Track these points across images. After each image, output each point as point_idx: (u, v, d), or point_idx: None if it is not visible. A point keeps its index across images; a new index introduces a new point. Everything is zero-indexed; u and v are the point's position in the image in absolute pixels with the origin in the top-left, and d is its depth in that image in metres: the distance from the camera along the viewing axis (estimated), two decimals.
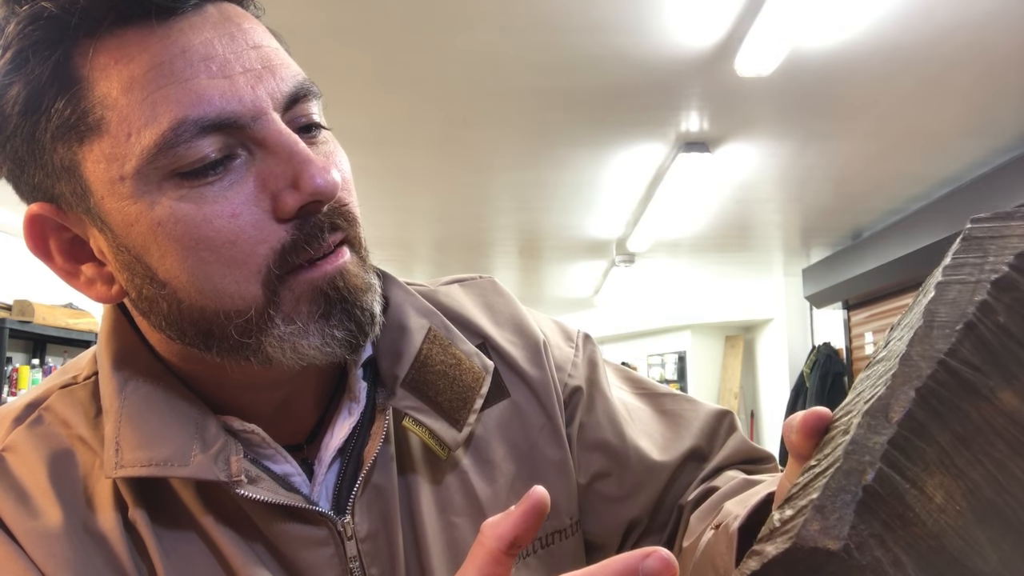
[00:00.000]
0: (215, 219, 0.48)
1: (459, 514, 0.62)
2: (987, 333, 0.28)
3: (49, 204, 0.52)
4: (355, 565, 0.57)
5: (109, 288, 0.54)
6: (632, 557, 0.33)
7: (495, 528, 0.39)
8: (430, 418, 0.60)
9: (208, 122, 0.47)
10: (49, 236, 0.53)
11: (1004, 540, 0.26)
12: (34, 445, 0.55)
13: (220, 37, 0.49)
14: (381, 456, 0.59)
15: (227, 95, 0.48)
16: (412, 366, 0.61)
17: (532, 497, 0.38)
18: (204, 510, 0.54)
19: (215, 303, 0.50)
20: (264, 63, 0.50)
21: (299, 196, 0.49)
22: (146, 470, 0.52)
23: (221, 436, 0.54)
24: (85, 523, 0.53)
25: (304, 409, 0.61)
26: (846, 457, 0.28)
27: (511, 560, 0.39)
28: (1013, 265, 0.29)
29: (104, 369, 0.56)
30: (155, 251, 0.49)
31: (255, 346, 0.51)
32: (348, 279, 0.53)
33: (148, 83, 0.47)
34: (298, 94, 0.51)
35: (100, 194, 0.49)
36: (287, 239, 0.50)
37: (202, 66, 0.48)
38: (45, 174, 0.51)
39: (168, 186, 0.48)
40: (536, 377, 0.68)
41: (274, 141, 0.49)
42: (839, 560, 0.26)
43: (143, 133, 0.47)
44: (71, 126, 0.48)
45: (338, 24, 2.47)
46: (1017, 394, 0.27)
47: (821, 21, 2.36)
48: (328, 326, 0.52)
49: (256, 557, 0.54)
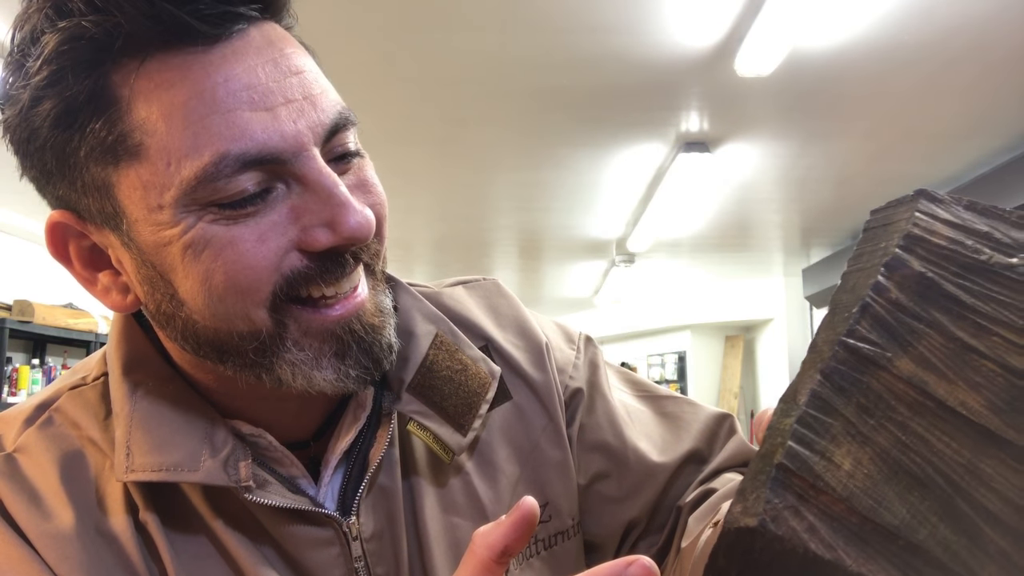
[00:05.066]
0: (241, 241, 0.48)
1: (462, 515, 0.63)
2: (881, 311, 0.32)
3: (71, 213, 0.52)
4: (360, 565, 0.58)
5: (124, 297, 0.54)
6: (616, 565, 0.34)
7: (486, 538, 0.39)
8: (435, 423, 0.60)
9: (250, 158, 0.47)
10: (69, 242, 0.53)
11: (911, 494, 0.28)
12: (45, 447, 0.55)
13: (263, 64, 0.48)
14: (386, 459, 0.60)
15: (269, 129, 0.47)
16: (418, 371, 0.61)
17: (522, 508, 0.39)
18: (213, 513, 0.55)
19: (227, 325, 0.51)
20: (305, 93, 0.50)
21: (333, 237, 0.49)
22: (157, 475, 0.52)
23: (230, 441, 0.54)
24: (97, 525, 0.53)
25: (312, 413, 0.61)
26: (763, 443, 0.31)
27: (502, 569, 0.40)
28: (901, 246, 0.33)
29: (114, 373, 0.57)
30: (180, 272, 0.49)
31: (269, 366, 0.52)
32: (364, 320, 0.53)
33: (190, 112, 0.46)
34: (338, 126, 0.51)
35: (134, 217, 0.49)
36: (299, 267, 0.50)
37: (244, 95, 0.47)
38: (73, 189, 0.50)
39: (205, 215, 0.48)
40: (538, 379, 0.69)
41: (314, 180, 0.49)
42: (759, 535, 0.28)
43: (184, 164, 0.46)
44: (107, 148, 0.48)
45: (338, 24, 2.47)
46: (913, 360, 0.30)
47: (821, 21, 2.36)
48: (344, 365, 0.52)
49: (264, 558, 0.55)
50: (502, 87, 2.97)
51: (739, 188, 4.34)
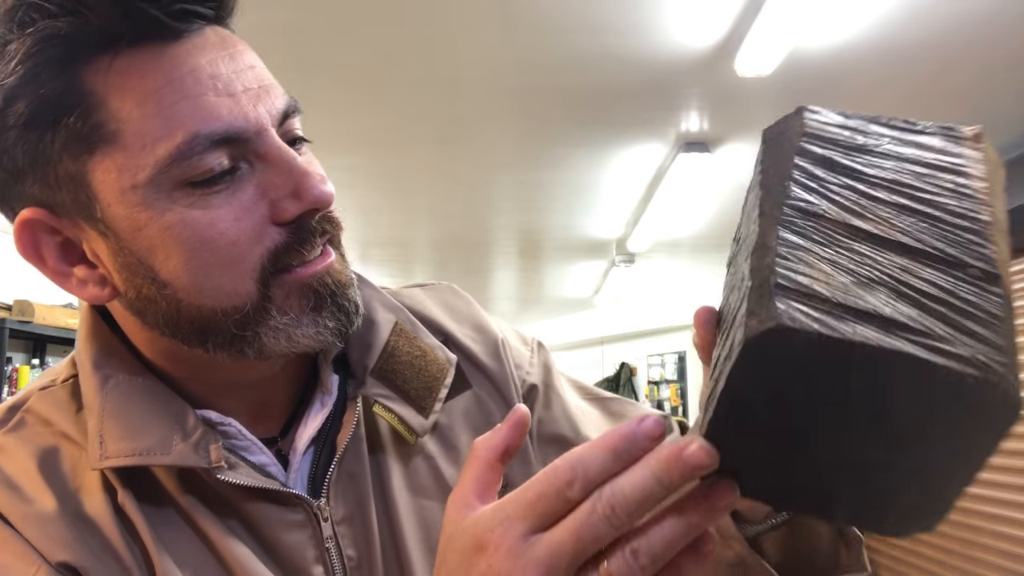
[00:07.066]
0: (220, 222, 0.53)
1: (429, 497, 0.66)
2: (806, 181, 0.42)
3: (43, 209, 0.54)
4: (331, 545, 0.60)
5: (101, 289, 0.57)
6: (630, 423, 0.39)
7: (488, 441, 0.45)
8: (398, 405, 0.64)
9: (218, 136, 0.51)
10: (41, 240, 0.56)
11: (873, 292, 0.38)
12: (20, 444, 0.58)
13: (222, 58, 0.54)
14: (353, 442, 0.63)
15: (234, 112, 0.52)
16: (380, 356, 0.65)
17: (516, 414, 0.45)
18: (186, 498, 0.57)
19: (213, 301, 0.54)
20: (259, 83, 0.55)
21: (300, 204, 0.54)
22: (130, 460, 0.55)
23: (200, 427, 0.57)
24: (77, 510, 0.55)
25: (279, 405, 0.65)
26: (752, 279, 0.38)
27: (502, 467, 0.45)
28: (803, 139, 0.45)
29: (85, 367, 0.59)
30: (160, 253, 0.53)
31: (251, 337, 0.56)
32: (335, 276, 0.58)
33: (162, 99, 0.51)
34: (288, 111, 0.57)
35: (108, 201, 0.52)
36: (281, 241, 0.55)
37: (210, 83, 0.52)
38: (46, 184, 0.53)
39: (179, 194, 0.52)
40: (496, 370, 0.73)
41: (275, 155, 0.54)
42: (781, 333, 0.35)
43: (158, 145, 0.51)
44: (82, 138, 0.51)
45: (338, 24, 2.47)
46: (839, 208, 0.41)
47: (821, 21, 2.36)
48: (320, 317, 0.57)
49: (239, 539, 0.58)
50: (502, 87, 2.97)
51: (739, 188, 4.34)
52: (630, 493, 0.37)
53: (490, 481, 0.44)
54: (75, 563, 0.53)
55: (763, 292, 0.37)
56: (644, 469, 0.38)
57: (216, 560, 0.57)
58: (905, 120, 0.48)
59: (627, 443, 0.38)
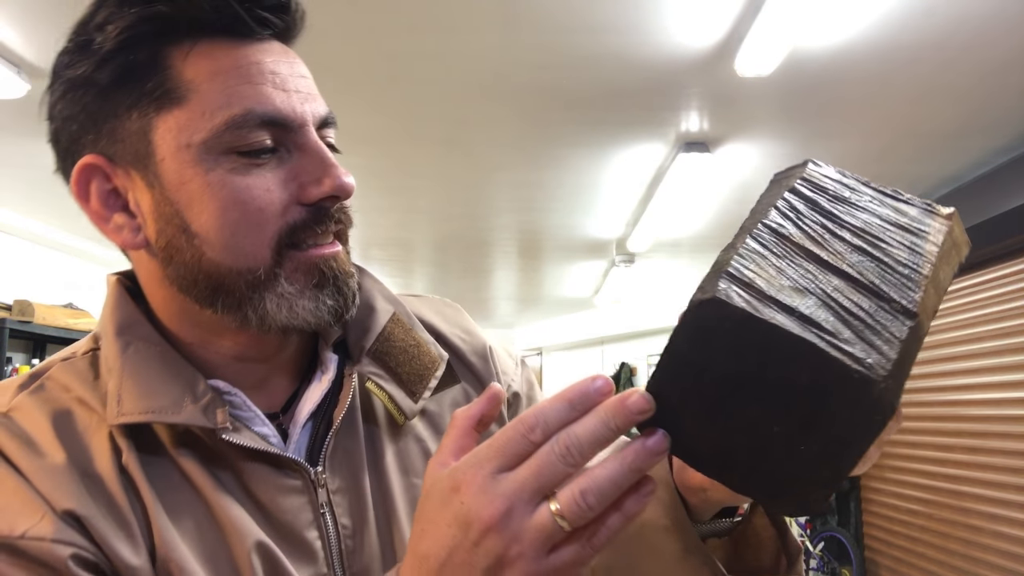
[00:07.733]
0: (254, 188, 0.60)
1: (419, 476, 0.71)
2: (786, 211, 0.50)
3: (103, 157, 0.62)
4: (326, 511, 0.65)
5: (135, 236, 0.64)
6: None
7: (465, 411, 0.51)
8: (390, 385, 0.70)
9: (268, 117, 0.61)
10: (92, 183, 0.63)
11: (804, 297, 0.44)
12: (38, 406, 0.63)
13: (283, 62, 0.64)
14: (348, 416, 0.68)
15: (285, 103, 0.62)
16: (377, 339, 0.71)
17: (491, 390, 0.52)
18: (188, 461, 0.62)
19: (231, 260, 0.61)
20: (308, 91, 0.65)
21: (323, 189, 0.62)
22: (144, 416, 0.60)
23: (209, 392, 0.63)
24: (85, 467, 0.60)
25: (282, 383, 0.71)
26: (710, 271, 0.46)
27: (478, 435, 0.51)
28: (799, 181, 0.53)
29: (108, 335, 0.66)
30: (196, 206, 0.60)
31: (257, 301, 0.62)
32: (339, 264, 0.65)
33: (228, 79, 0.60)
34: (327, 120, 0.66)
35: (163, 155, 0.60)
36: (299, 218, 0.62)
37: (269, 77, 0.62)
38: (112, 136, 0.62)
39: (225, 160, 0.60)
40: (483, 370, 0.80)
41: (312, 146, 0.63)
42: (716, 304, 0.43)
43: (217, 114, 0.60)
44: (154, 100, 0.60)
45: (339, 25, 2.47)
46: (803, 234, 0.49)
47: (821, 21, 2.37)
48: (322, 295, 0.63)
49: (236, 501, 0.62)
50: (502, 87, 2.97)
51: (739, 188, 4.34)
52: (582, 435, 0.44)
53: (466, 446, 0.50)
54: (79, 512, 0.57)
55: (714, 275, 0.45)
56: (594, 416, 0.45)
57: (211, 520, 0.61)
58: (894, 189, 0.56)
59: (581, 396, 0.46)
